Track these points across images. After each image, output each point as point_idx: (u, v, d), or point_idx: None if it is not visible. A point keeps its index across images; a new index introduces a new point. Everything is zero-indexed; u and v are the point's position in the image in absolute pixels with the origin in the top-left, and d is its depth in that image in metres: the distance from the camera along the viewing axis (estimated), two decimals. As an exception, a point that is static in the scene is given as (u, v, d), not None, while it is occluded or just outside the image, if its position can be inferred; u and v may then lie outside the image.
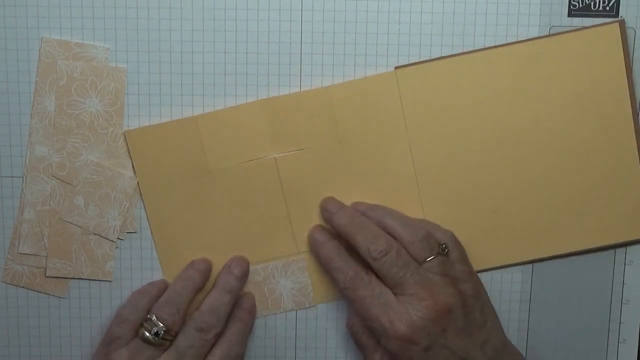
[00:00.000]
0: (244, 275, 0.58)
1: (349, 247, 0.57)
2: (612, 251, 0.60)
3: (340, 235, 0.57)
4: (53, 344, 0.60)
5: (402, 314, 0.53)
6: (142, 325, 0.55)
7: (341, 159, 0.58)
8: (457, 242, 0.57)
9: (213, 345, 0.57)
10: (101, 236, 0.58)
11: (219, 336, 0.56)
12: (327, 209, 0.58)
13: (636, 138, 0.58)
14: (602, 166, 0.58)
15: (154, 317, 0.55)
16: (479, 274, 0.60)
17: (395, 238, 0.56)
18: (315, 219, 0.58)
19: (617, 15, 0.57)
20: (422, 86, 0.57)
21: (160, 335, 0.55)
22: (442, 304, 0.53)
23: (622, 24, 0.57)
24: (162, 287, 0.58)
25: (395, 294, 0.55)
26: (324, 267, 0.58)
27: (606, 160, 0.58)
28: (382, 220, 0.56)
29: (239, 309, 0.58)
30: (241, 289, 0.58)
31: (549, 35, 0.57)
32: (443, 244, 0.56)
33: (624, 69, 0.57)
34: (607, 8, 0.57)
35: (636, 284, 0.60)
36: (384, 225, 0.56)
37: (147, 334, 0.55)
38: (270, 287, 0.60)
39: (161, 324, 0.55)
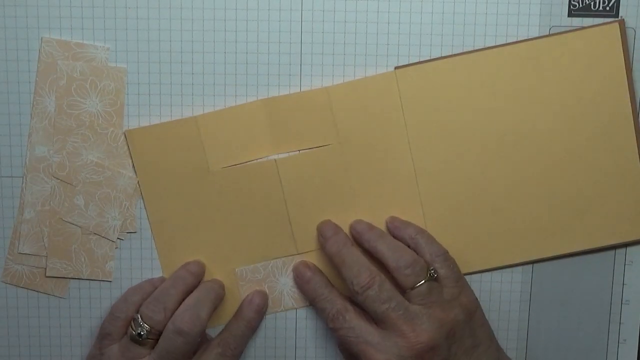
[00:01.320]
0: (222, 287, 0.59)
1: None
2: (612, 251, 0.60)
3: None
4: (53, 344, 0.60)
5: (382, 351, 0.53)
6: (130, 323, 0.56)
7: (341, 159, 0.58)
8: (448, 260, 0.56)
9: (208, 345, 0.57)
10: (101, 236, 0.58)
11: (202, 334, 0.56)
12: (322, 233, 0.58)
13: (636, 138, 0.58)
14: (603, 166, 0.58)
15: (139, 317, 0.55)
16: (479, 275, 0.60)
17: (384, 264, 0.55)
18: (315, 220, 0.58)
19: (617, 15, 0.57)
20: (422, 86, 0.57)
21: (144, 335, 0.55)
22: (424, 340, 0.53)
23: (622, 23, 0.57)
24: (159, 285, 0.58)
25: (379, 327, 0.54)
26: (310, 303, 0.59)
27: (606, 160, 0.58)
28: (375, 245, 0.56)
29: (248, 307, 0.58)
30: (223, 295, 0.58)
31: (549, 35, 0.57)
32: (431, 269, 0.55)
33: (624, 68, 0.57)
34: (607, 8, 0.57)
35: (636, 284, 0.60)
36: (375, 250, 0.56)
37: (133, 332, 0.55)
38: (271, 285, 0.59)
39: (145, 324, 0.55)
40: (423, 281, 0.54)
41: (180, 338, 0.54)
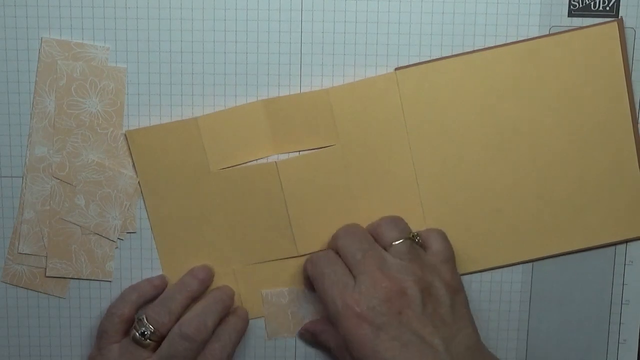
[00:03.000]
0: (231, 298, 0.58)
1: None
2: (612, 252, 0.60)
3: None
4: (53, 344, 0.60)
5: (354, 294, 0.52)
6: (133, 324, 0.56)
7: (341, 160, 0.58)
8: (444, 240, 0.56)
9: (199, 354, 0.56)
10: (102, 236, 0.58)
11: (205, 344, 0.55)
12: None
13: (634, 137, 0.58)
14: (601, 165, 0.58)
15: (144, 317, 0.55)
16: (479, 275, 0.60)
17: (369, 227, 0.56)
18: (316, 222, 0.58)
19: (617, 15, 0.57)
20: (422, 87, 0.57)
21: (147, 336, 0.55)
22: (397, 285, 0.52)
23: (620, 22, 0.57)
24: (158, 284, 0.58)
25: (354, 276, 0.54)
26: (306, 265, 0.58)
27: (605, 158, 0.58)
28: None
29: (234, 316, 0.58)
30: (231, 305, 0.58)
31: (548, 35, 0.57)
32: (415, 233, 0.55)
33: (623, 67, 0.57)
34: (607, 8, 0.57)
35: (636, 284, 0.60)
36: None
37: (136, 334, 0.55)
38: (294, 311, 0.59)
39: (150, 325, 0.55)
40: (404, 239, 0.54)
41: (185, 343, 0.54)
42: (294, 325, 0.60)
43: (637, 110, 0.58)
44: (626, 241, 0.59)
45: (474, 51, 0.57)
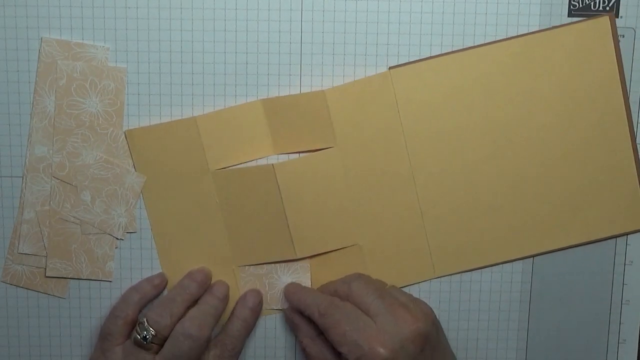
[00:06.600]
0: (227, 294, 0.59)
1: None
2: (612, 252, 0.60)
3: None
4: (53, 344, 0.60)
5: (381, 336, 0.53)
6: (134, 327, 0.56)
7: (338, 161, 0.58)
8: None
9: (206, 347, 0.56)
10: (107, 233, 0.58)
11: (208, 341, 0.56)
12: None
13: (629, 130, 0.58)
14: (597, 159, 0.58)
15: (145, 320, 0.55)
16: (479, 275, 0.60)
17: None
18: (313, 222, 0.58)
19: (617, 15, 0.57)
20: (417, 85, 0.57)
21: (149, 339, 0.55)
22: (421, 323, 0.53)
23: (612, 17, 0.57)
24: (158, 283, 0.58)
25: (370, 317, 0.54)
26: (298, 308, 0.57)
27: (600, 153, 0.58)
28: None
29: (242, 306, 0.58)
30: (227, 301, 0.58)
31: (540, 31, 0.57)
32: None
33: (615, 61, 0.57)
34: (607, 8, 0.57)
35: (636, 284, 0.60)
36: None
37: (138, 336, 0.55)
38: (271, 281, 0.59)
39: (151, 328, 0.55)
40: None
41: (188, 341, 0.54)
42: (271, 297, 0.59)
43: (630, 104, 0.58)
44: (625, 234, 0.59)
45: (466, 48, 0.57)
